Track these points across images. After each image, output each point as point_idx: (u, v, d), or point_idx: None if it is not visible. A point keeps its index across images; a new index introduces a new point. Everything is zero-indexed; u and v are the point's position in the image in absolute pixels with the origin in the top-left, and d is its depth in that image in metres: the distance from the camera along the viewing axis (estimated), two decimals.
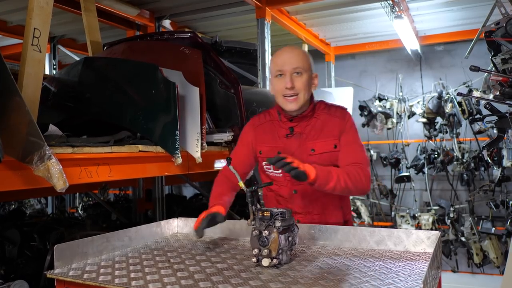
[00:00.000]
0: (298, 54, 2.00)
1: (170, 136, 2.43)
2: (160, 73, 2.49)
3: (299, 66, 1.96)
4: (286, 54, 1.99)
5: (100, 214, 4.80)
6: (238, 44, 4.27)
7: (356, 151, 1.99)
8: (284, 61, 1.97)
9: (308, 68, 2.00)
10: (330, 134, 2.01)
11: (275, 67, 2.00)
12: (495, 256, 5.33)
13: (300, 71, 1.96)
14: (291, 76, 1.95)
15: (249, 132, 2.19)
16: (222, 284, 1.39)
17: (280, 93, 1.99)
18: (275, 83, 2.01)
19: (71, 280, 1.50)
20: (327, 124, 2.03)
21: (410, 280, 1.36)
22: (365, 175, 1.92)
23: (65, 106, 2.90)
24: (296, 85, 1.95)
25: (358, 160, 1.95)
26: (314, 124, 2.04)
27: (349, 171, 1.89)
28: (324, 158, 1.99)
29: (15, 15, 4.63)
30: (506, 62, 2.55)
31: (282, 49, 2.06)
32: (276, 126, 2.10)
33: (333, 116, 2.04)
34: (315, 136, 2.02)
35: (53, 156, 1.63)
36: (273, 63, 2.03)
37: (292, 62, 1.96)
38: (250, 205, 1.61)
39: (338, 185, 1.82)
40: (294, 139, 2.04)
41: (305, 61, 2.00)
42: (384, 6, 4.16)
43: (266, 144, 2.11)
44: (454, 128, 5.69)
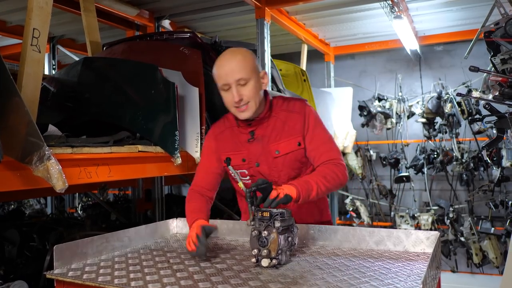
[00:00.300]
0: (238, 61, 1.86)
1: (169, 136, 2.43)
2: (160, 73, 2.49)
3: (242, 76, 1.84)
4: (226, 65, 1.87)
5: (99, 214, 4.80)
6: (237, 44, 4.24)
7: (325, 147, 1.94)
8: (226, 74, 1.86)
9: (253, 73, 1.88)
10: (292, 133, 1.95)
11: (219, 81, 1.90)
12: (494, 256, 5.33)
13: (244, 79, 1.85)
14: (236, 88, 1.85)
15: (211, 141, 2.11)
16: (221, 285, 1.39)
17: (229, 105, 1.91)
18: (223, 96, 1.92)
19: (70, 281, 1.50)
20: (288, 122, 1.96)
21: (410, 281, 1.36)
22: (340, 170, 1.90)
23: (64, 106, 2.90)
24: (244, 96, 1.86)
25: (329, 156, 1.92)
26: (274, 124, 1.97)
27: (325, 172, 1.86)
28: (290, 158, 1.95)
29: (14, 15, 4.62)
30: (506, 62, 2.55)
31: (221, 58, 1.92)
32: (236, 132, 2.03)
33: (293, 113, 1.97)
34: (278, 137, 1.96)
35: (52, 156, 1.63)
36: (215, 75, 1.91)
37: (234, 74, 1.85)
38: (250, 205, 1.61)
39: (319, 192, 1.80)
40: (257, 143, 1.98)
41: (248, 67, 1.87)
42: (384, 6, 4.16)
43: (229, 152, 2.03)
44: (454, 128, 5.70)
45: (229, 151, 2.02)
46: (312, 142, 1.95)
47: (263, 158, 1.96)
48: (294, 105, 1.99)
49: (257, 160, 1.97)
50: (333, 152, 1.94)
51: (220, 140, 2.07)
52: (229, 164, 1.93)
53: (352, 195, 6.60)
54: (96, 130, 2.59)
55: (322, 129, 2.00)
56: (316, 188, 1.78)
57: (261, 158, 1.96)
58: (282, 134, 1.95)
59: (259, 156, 1.96)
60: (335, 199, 6.20)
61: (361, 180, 6.44)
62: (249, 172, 2.00)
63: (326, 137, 1.98)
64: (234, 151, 2.02)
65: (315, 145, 1.94)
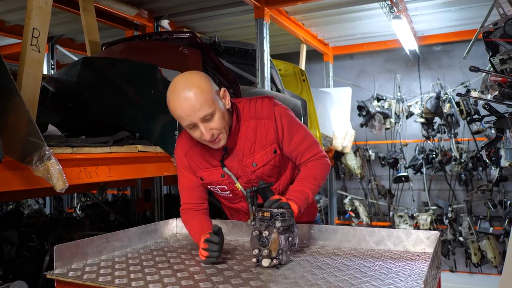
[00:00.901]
0: (197, 97, 1.62)
1: (169, 136, 2.43)
2: (160, 73, 2.49)
3: (206, 113, 1.64)
4: (185, 105, 1.62)
5: (98, 214, 4.79)
6: (236, 44, 4.26)
7: (305, 145, 1.88)
8: (188, 115, 1.63)
9: (214, 102, 1.67)
10: (265, 142, 1.84)
11: (182, 122, 1.69)
12: (493, 256, 5.34)
13: (209, 114, 1.65)
14: (203, 125, 1.66)
15: (182, 159, 1.93)
16: (222, 285, 1.39)
17: (201, 140, 1.74)
18: (191, 133, 1.73)
19: (70, 281, 1.50)
20: (259, 131, 1.84)
21: (410, 280, 1.37)
22: (324, 162, 1.90)
23: (63, 106, 2.89)
24: (214, 130, 1.69)
25: (311, 152, 1.89)
26: (245, 136, 1.84)
27: (313, 173, 1.85)
28: (269, 167, 1.88)
29: (13, 15, 4.61)
30: (505, 62, 2.55)
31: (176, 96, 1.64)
32: (208, 148, 1.84)
33: (262, 119, 1.84)
34: (252, 149, 1.84)
35: (52, 156, 1.63)
36: (176, 116, 1.68)
37: (197, 113, 1.63)
38: (250, 205, 1.61)
39: (314, 194, 1.83)
40: (232, 158, 1.86)
41: (208, 99, 1.64)
42: (383, 6, 4.17)
43: (205, 169, 1.89)
44: (452, 128, 5.71)
45: (204, 168, 1.89)
46: (291, 144, 1.88)
47: (241, 173, 1.87)
48: (262, 109, 1.85)
49: (236, 175, 1.88)
50: (313, 147, 1.91)
51: (191, 157, 1.91)
52: (223, 166, 1.89)
53: (351, 195, 6.61)
54: (95, 130, 2.59)
55: (297, 127, 1.90)
56: (311, 193, 1.80)
57: (239, 173, 1.87)
58: (255, 146, 1.84)
59: (237, 171, 1.87)
60: (333, 199, 6.21)
61: (360, 180, 6.45)
62: (229, 188, 1.91)
63: (303, 134, 1.90)
64: (209, 168, 1.89)
65: (294, 145, 1.88)
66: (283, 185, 1.97)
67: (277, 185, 1.94)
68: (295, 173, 2.01)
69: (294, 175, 2.00)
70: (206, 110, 1.63)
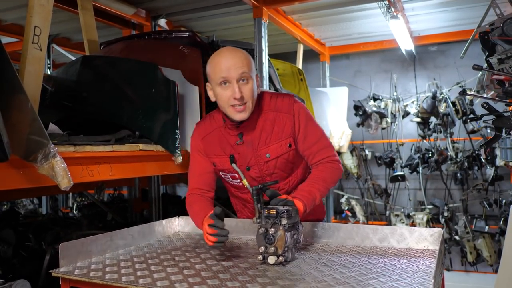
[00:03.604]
0: (243, 57, 1.79)
1: (170, 135, 2.43)
2: (160, 72, 2.49)
3: (245, 70, 1.77)
4: (229, 59, 1.77)
5: (95, 214, 4.78)
6: (235, 44, 4.25)
7: (319, 146, 1.91)
8: (228, 67, 1.75)
9: (253, 71, 1.82)
10: (282, 135, 1.89)
11: (219, 74, 1.77)
12: (488, 255, 5.38)
13: (246, 76, 1.78)
14: (238, 84, 1.77)
15: (198, 143, 2.01)
16: (230, 282, 1.39)
17: (226, 103, 1.80)
18: (220, 93, 1.80)
19: (77, 279, 1.49)
20: (277, 123, 1.89)
21: (417, 277, 1.38)
22: (335, 166, 1.91)
23: (62, 105, 2.88)
24: (244, 95, 1.78)
25: (324, 154, 1.91)
26: (263, 126, 1.89)
27: (323, 175, 1.86)
28: (281, 160, 1.92)
29: (10, 13, 4.57)
30: (503, 62, 2.58)
31: (222, 52, 1.83)
32: (224, 134, 1.93)
33: (281, 113, 1.89)
34: (267, 140, 1.89)
35: (57, 154, 1.63)
36: (214, 69, 1.80)
37: (238, 67, 1.76)
38: (256, 203, 1.62)
39: (322, 196, 1.84)
40: (246, 146, 1.90)
41: (250, 64, 1.81)
42: (381, 6, 4.19)
43: (219, 155, 1.95)
44: (448, 128, 5.75)
45: (218, 154, 1.95)
46: (305, 142, 1.90)
47: (253, 162, 1.90)
48: (282, 103, 1.91)
49: (248, 164, 1.91)
50: (327, 149, 1.93)
51: (208, 142, 1.97)
52: (232, 162, 1.92)
53: (347, 194, 6.63)
54: (93, 129, 2.58)
55: (313, 126, 1.94)
56: (319, 194, 1.80)
57: (252, 162, 1.91)
58: (271, 137, 1.89)
59: (250, 160, 1.91)
60: (330, 198, 6.22)
61: (356, 180, 6.47)
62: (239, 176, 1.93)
63: (318, 134, 1.94)
64: (224, 154, 1.94)
65: (308, 144, 1.91)
66: (293, 183, 1.97)
67: (287, 181, 1.96)
68: (306, 174, 2.01)
69: (305, 176, 2.01)
70: (246, 70, 1.77)
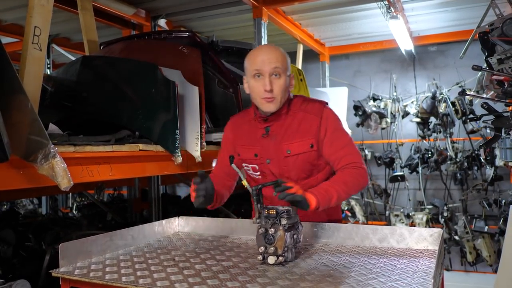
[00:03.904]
0: (277, 54, 1.92)
1: (170, 135, 2.43)
2: (160, 72, 2.49)
3: (278, 66, 1.89)
4: (265, 53, 1.91)
5: (95, 214, 4.78)
6: (234, 44, 4.26)
7: (346, 151, 1.93)
8: (263, 60, 1.89)
9: (286, 69, 1.93)
10: (306, 134, 1.94)
11: (253, 66, 1.91)
12: (488, 255, 5.39)
13: (278, 72, 1.89)
14: (269, 77, 1.88)
15: (229, 132, 2.14)
16: (230, 282, 1.39)
17: (258, 94, 1.92)
18: (253, 84, 1.93)
19: (77, 279, 1.49)
20: (303, 123, 1.95)
21: (417, 277, 1.38)
22: (360, 173, 1.90)
23: (62, 105, 2.88)
24: (274, 88, 1.88)
25: (350, 160, 1.91)
26: (290, 124, 1.97)
27: (345, 178, 1.86)
28: (301, 159, 1.94)
29: (9, 14, 4.58)
30: (502, 62, 2.58)
31: (260, 48, 2.03)
32: (253, 126, 2.04)
33: (309, 114, 1.96)
34: (291, 137, 1.95)
35: (57, 154, 1.63)
36: (250, 62, 1.94)
37: (271, 62, 1.88)
38: (256, 203, 1.62)
39: (339, 199, 1.82)
40: (270, 140, 1.98)
41: (284, 61, 1.92)
42: (381, 6, 4.19)
43: (244, 145, 2.05)
44: (448, 128, 5.76)
45: (244, 144, 2.06)
46: (332, 146, 1.93)
47: (274, 155, 1.96)
48: (313, 106, 1.99)
49: (269, 157, 1.98)
50: (353, 156, 1.93)
51: (237, 133, 2.10)
52: (231, 163, 1.92)
53: None
54: (93, 129, 2.58)
55: (342, 132, 1.98)
56: (337, 196, 1.78)
57: (272, 156, 1.97)
58: (296, 134, 1.95)
59: (271, 153, 1.97)
60: None
61: None
62: (260, 168, 2.01)
63: (346, 140, 1.97)
64: (248, 145, 2.04)
65: (335, 148, 1.93)
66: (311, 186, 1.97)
67: (305, 182, 1.96)
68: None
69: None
70: (280, 66, 1.89)
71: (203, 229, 2.21)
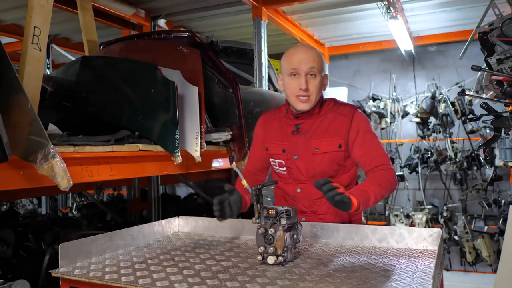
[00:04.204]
0: (314, 54, 1.99)
1: (170, 135, 2.42)
2: (160, 72, 2.49)
3: (315, 66, 1.95)
4: (302, 53, 1.98)
5: (95, 214, 4.78)
6: (234, 44, 4.27)
7: (376, 153, 1.98)
8: (300, 60, 1.95)
9: (322, 70, 2.00)
10: (335, 134, 1.99)
11: (290, 65, 1.98)
12: (487, 255, 5.39)
13: (315, 72, 1.96)
14: (306, 77, 1.95)
15: (259, 128, 2.21)
16: (229, 282, 1.40)
17: (293, 93, 1.99)
18: (288, 82, 2.00)
19: (76, 279, 1.49)
20: (334, 123, 2.01)
21: (416, 277, 1.38)
22: (391, 174, 1.95)
23: (62, 105, 2.88)
24: (310, 87, 1.95)
25: (380, 161, 1.95)
26: (321, 123, 2.02)
27: (379, 180, 1.90)
28: (328, 158, 1.99)
29: (9, 14, 4.58)
30: (502, 62, 2.58)
31: (297, 47, 2.06)
32: (283, 123, 2.10)
33: (340, 115, 2.02)
34: (321, 135, 2.00)
35: (57, 154, 1.63)
36: (287, 61, 2.01)
37: (309, 62, 1.95)
38: (255, 203, 1.62)
39: (376, 200, 1.84)
40: (299, 136, 2.03)
41: (320, 61, 1.99)
42: (380, 6, 4.20)
43: (273, 141, 2.11)
44: (447, 128, 5.76)
45: (273, 140, 2.11)
46: (363, 147, 1.98)
47: (302, 152, 2.01)
48: (344, 109, 2.05)
49: (296, 153, 2.02)
50: (383, 158, 1.99)
51: (268, 128, 2.16)
52: (231, 163, 1.93)
53: None
54: (92, 129, 2.58)
55: (372, 135, 2.04)
56: (373, 198, 1.81)
57: (300, 152, 2.01)
58: (325, 133, 2.00)
59: (299, 149, 2.02)
60: None
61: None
62: (286, 164, 2.06)
63: (376, 142, 2.02)
64: (277, 141, 2.10)
65: (366, 150, 1.98)
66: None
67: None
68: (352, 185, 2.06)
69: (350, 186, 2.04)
70: (316, 66, 1.96)
71: (203, 229, 2.22)
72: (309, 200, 2.05)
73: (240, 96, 2.99)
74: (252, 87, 4.00)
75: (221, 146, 3.02)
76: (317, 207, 2.05)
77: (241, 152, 2.96)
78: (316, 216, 2.06)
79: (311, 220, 2.04)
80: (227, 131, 2.95)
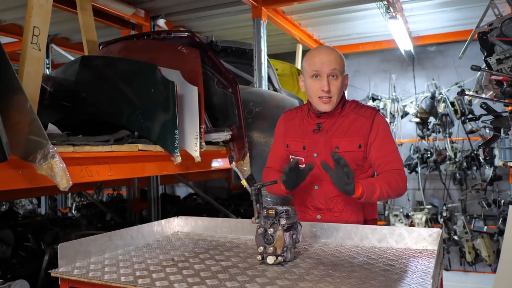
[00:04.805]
0: (336, 55, 2.01)
1: (169, 135, 2.42)
2: (159, 72, 2.48)
3: (336, 67, 1.97)
4: (324, 55, 2.00)
5: (94, 214, 4.78)
6: (233, 44, 4.27)
7: (392, 157, 2.02)
8: (322, 62, 1.98)
9: (343, 71, 2.03)
10: (356, 134, 2.02)
11: (312, 67, 2.00)
12: (487, 255, 5.40)
13: (336, 73, 1.98)
14: (327, 78, 1.97)
15: (280, 126, 2.24)
16: (229, 282, 1.39)
17: (315, 94, 2.02)
18: (310, 84, 2.02)
19: (76, 279, 1.49)
20: (354, 124, 2.04)
21: (416, 277, 1.38)
22: (402, 179, 1.99)
23: (61, 105, 2.88)
24: (331, 89, 1.98)
25: (394, 166, 1.99)
26: (342, 122, 2.05)
27: (389, 180, 1.94)
28: (347, 157, 1.96)
29: (9, 14, 4.58)
30: (501, 62, 2.58)
31: (319, 49, 2.09)
32: (305, 122, 2.13)
33: (361, 116, 2.05)
34: (341, 134, 2.04)
35: (56, 154, 1.63)
36: (309, 62, 2.03)
37: (331, 64, 1.97)
38: (255, 203, 1.62)
39: (380, 196, 1.89)
40: (320, 135, 2.06)
41: (342, 63, 2.02)
42: (380, 6, 4.20)
43: (294, 138, 2.14)
44: (447, 128, 5.76)
45: (293, 137, 2.15)
46: (380, 150, 2.02)
47: (322, 150, 2.03)
48: (366, 110, 2.08)
49: (317, 151, 2.05)
50: (398, 163, 2.03)
51: (289, 126, 2.19)
52: (231, 163, 1.94)
53: None
54: (92, 129, 2.58)
55: (390, 139, 2.08)
56: (379, 192, 1.86)
57: (320, 150, 2.04)
58: (346, 133, 2.04)
59: (319, 147, 2.05)
60: None
61: None
62: (306, 161, 2.07)
63: (393, 147, 2.06)
64: (297, 138, 2.13)
65: (383, 153, 2.01)
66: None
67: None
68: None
69: None
70: (338, 67, 1.98)
71: (202, 229, 2.21)
72: (326, 197, 2.07)
73: (239, 96, 2.99)
74: (252, 87, 3.99)
75: (221, 146, 3.01)
76: (334, 204, 2.06)
77: (240, 152, 2.95)
78: (331, 213, 2.07)
79: (326, 218, 2.06)
80: (226, 131, 2.95)
